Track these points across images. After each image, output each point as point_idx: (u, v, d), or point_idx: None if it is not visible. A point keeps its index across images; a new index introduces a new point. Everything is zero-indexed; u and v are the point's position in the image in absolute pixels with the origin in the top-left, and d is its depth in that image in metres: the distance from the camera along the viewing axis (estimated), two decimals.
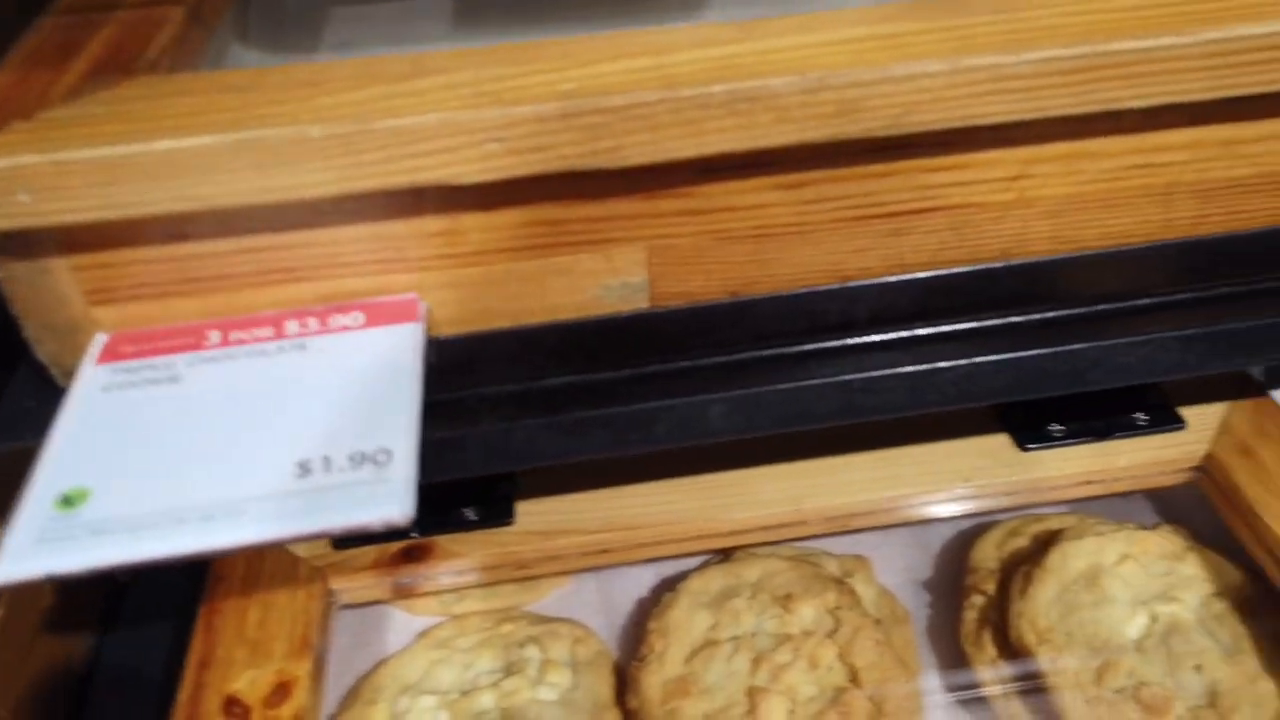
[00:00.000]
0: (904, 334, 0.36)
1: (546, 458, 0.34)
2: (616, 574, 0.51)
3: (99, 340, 0.30)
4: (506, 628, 0.48)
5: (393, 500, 0.24)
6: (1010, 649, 0.44)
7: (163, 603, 0.53)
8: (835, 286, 0.34)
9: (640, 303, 0.34)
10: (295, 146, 0.26)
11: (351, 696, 0.45)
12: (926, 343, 0.36)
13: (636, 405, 0.34)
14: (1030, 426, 0.47)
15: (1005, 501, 0.46)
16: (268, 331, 0.30)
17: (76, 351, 0.30)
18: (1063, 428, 0.47)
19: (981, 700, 0.44)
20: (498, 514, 0.44)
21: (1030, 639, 0.42)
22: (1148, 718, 0.39)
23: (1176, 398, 0.48)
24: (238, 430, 0.27)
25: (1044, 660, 0.42)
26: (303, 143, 0.25)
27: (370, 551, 0.43)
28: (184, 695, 0.38)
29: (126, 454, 0.26)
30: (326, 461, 0.26)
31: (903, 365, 0.35)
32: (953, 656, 0.46)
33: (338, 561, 0.43)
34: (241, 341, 0.30)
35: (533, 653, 0.46)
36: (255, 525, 0.24)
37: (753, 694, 0.42)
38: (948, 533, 0.53)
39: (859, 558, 0.50)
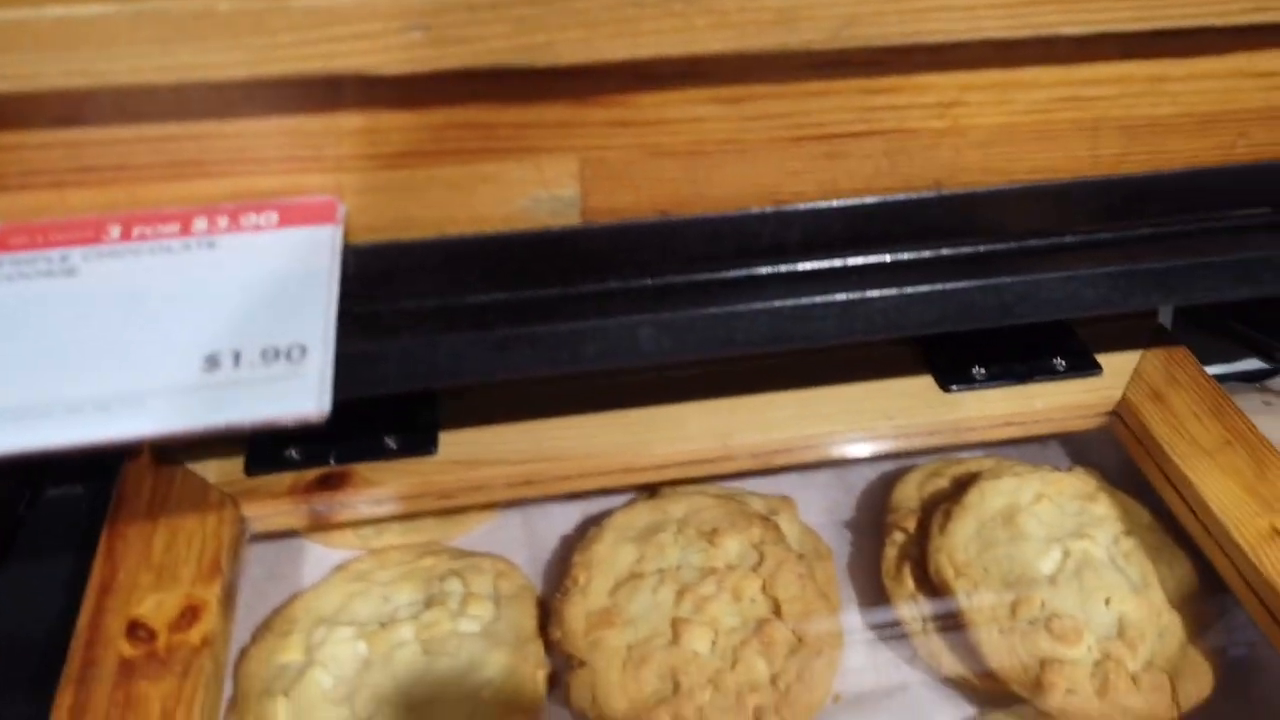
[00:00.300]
0: (835, 263, 0.36)
1: (470, 375, 0.34)
2: (541, 511, 0.51)
3: None
4: (427, 561, 0.47)
5: (307, 395, 0.23)
6: (929, 584, 0.44)
7: (59, 538, 0.51)
8: (769, 210, 0.34)
9: (571, 218, 0.33)
10: (201, 21, 0.24)
11: (264, 629, 0.44)
12: (857, 272, 0.36)
13: (565, 325, 0.34)
14: (953, 369, 0.48)
15: (928, 441, 0.46)
16: (174, 228, 0.28)
17: None
18: (984, 370, 0.47)
19: (901, 634, 0.44)
20: (420, 443, 0.43)
21: (948, 573, 0.43)
22: (1059, 647, 0.40)
23: (1094, 345, 0.49)
24: (139, 325, 0.25)
25: (961, 593, 0.42)
26: (209, 17, 0.24)
27: (285, 478, 0.42)
28: (84, 620, 0.36)
29: (14, 344, 0.24)
30: (236, 356, 0.24)
31: (833, 293, 0.35)
32: (873, 593, 0.47)
33: (250, 488, 0.41)
34: (145, 237, 0.28)
35: (454, 586, 0.45)
36: (156, 417, 0.23)
37: (676, 624, 0.42)
38: (870, 475, 0.53)
39: (783, 498, 0.50)
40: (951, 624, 0.43)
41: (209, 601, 0.36)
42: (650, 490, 0.50)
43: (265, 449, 0.42)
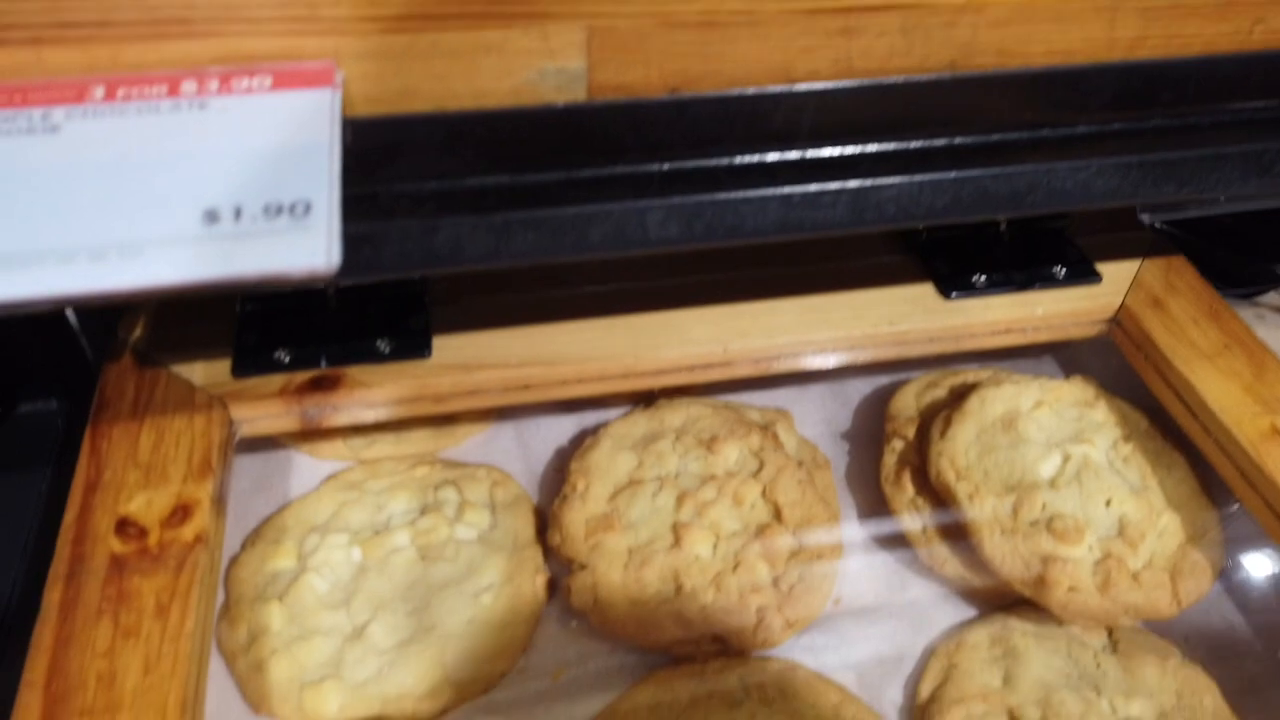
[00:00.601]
0: (847, 150, 0.35)
1: (471, 261, 0.32)
2: (534, 423, 0.50)
3: None
4: (420, 471, 0.46)
5: (316, 248, 0.22)
6: (929, 489, 0.44)
7: (33, 452, 0.50)
8: (781, 90, 0.33)
9: (577, 94, 0.31)
10: None
11: (254, 537, 0.43)
12: (869, 159, 0.35)
13: (570, 209, 0.33)
14: (954, 277, 0.47)
15: (928, 348, 0.46)
16: (161, 90, 0.27)
17: None
18: (985, 278, 0.47)
19: (901, 539, 0.44)
20: (413, 346, 0.42)
21: (949, 476, 0.43)
22: (1061, 546, 0.40)
23: (1093, 255, 0.49)
24: (129, 181, 0.24)
25: (962, 496, 0.42)
26: None
27: (274, 381, 0.40)
28: (70, 518, 0.35)
29: (1, 195, 0.23)
30: (237, 211, 0.23)
31: (844, 180, 0.34)
32: (872, 501, 0.47)
33: (238, 390, 0.40)
34: (130, 98, 0.26)
35: (449, 495, 0.45)
36: (156, 267, 0.21)
37: (677, 528, 0.42)
38: (866, 389, 0.53)
39: (780, 411, 0.50)
40: (952, 527, 0.43)
41: (201, 500, 0.35)
42: (647, 402, 0.49)
43: (252, 351, 0.41)
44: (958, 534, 0.43)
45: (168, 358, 0.41)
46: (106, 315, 0.48)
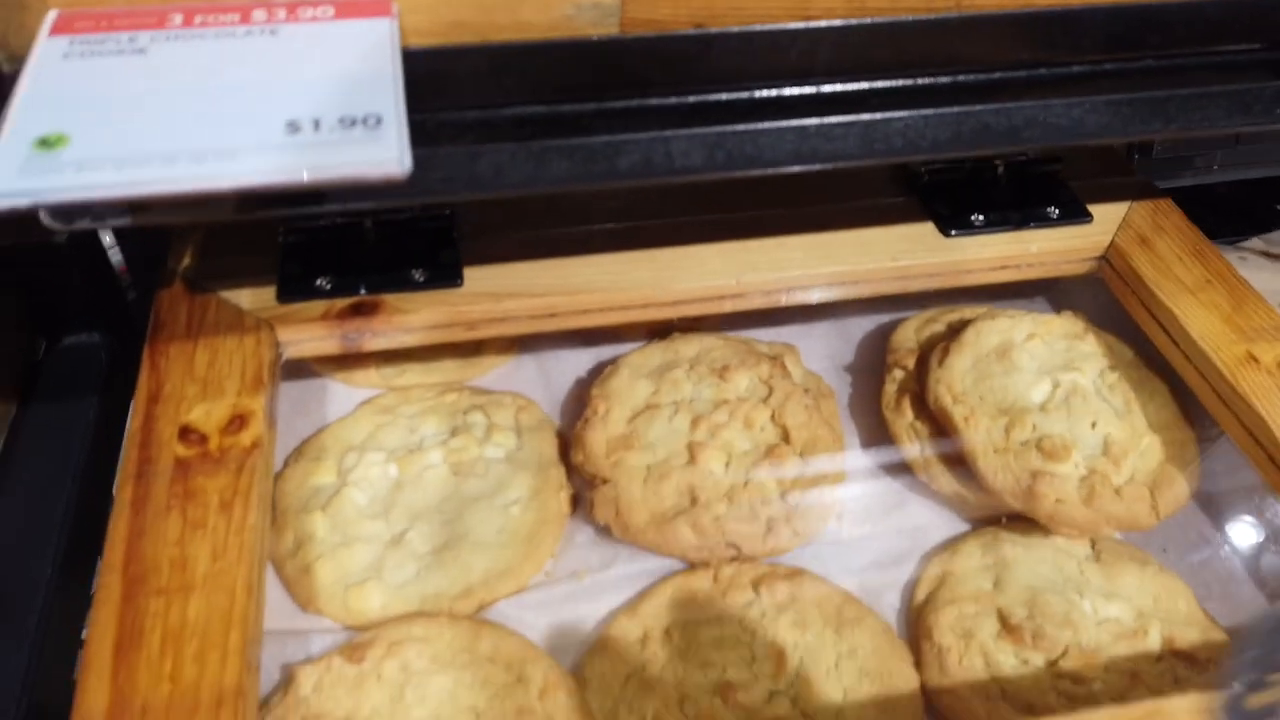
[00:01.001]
0: (859, 85, 0.37)
1: (510, 186, 0.35)
2: (554, 356, 0.53)
3: (51, 16, 0.28)
4: (450, 397, 0.49)
5: (389, 153, 0.25)
6: (927, 414, 0.47)
7: (78, 384, 0.52)
8: (798, 26, 0.35)
9: (610, 28, 0.34)
10: None
11: (296, 456, 0.46)
12: (878, 95, 0.37)
13: (603, 137, 0.35)
14: (953, 216, 0.50)
15: (928, 283, 0.48)
16: (234, 18, 0.29)
17: (24, 33, 0.29)
18: (982, 218, 0.50)
19: (900, 461, 0.47)
20: (445, 276, 0.44)
21: (946, 400, 0.46)
22: (1049, 463, 0.43)
23: (1085, 197, 0.52)
24: (216, 96, 0.26)
25: (958, 418, 0.45)
26: None
27: (317, 306, 0.43)
28: (134, 426, 0.37)
29: (101, 107, 0.25)
30: (316, 123, 0.25)
31: (856, 113, 0.37)
32: (872, 429, 0.50)
33: (283, 314, 0.43)
34: (207, 24, 0.29)
35: (478, 418, 0.47)
36: (250, 168, 0.24)
37: (692, 448, 0.45)
38: (868, 326, 0.56)
39: (787, 345, 0.52)
40: (948, 449, 0.46)
41: (255, 411, 0.38)
42: (662, 336, 0.52)
43: (296, 279, 0.44)
44: (953, 455, 0.46)
45: (216, 285, 0.44)
46: (147, 249, 0.50)
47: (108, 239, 0.50)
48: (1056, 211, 0.50)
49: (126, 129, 0.25)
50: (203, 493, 0.35)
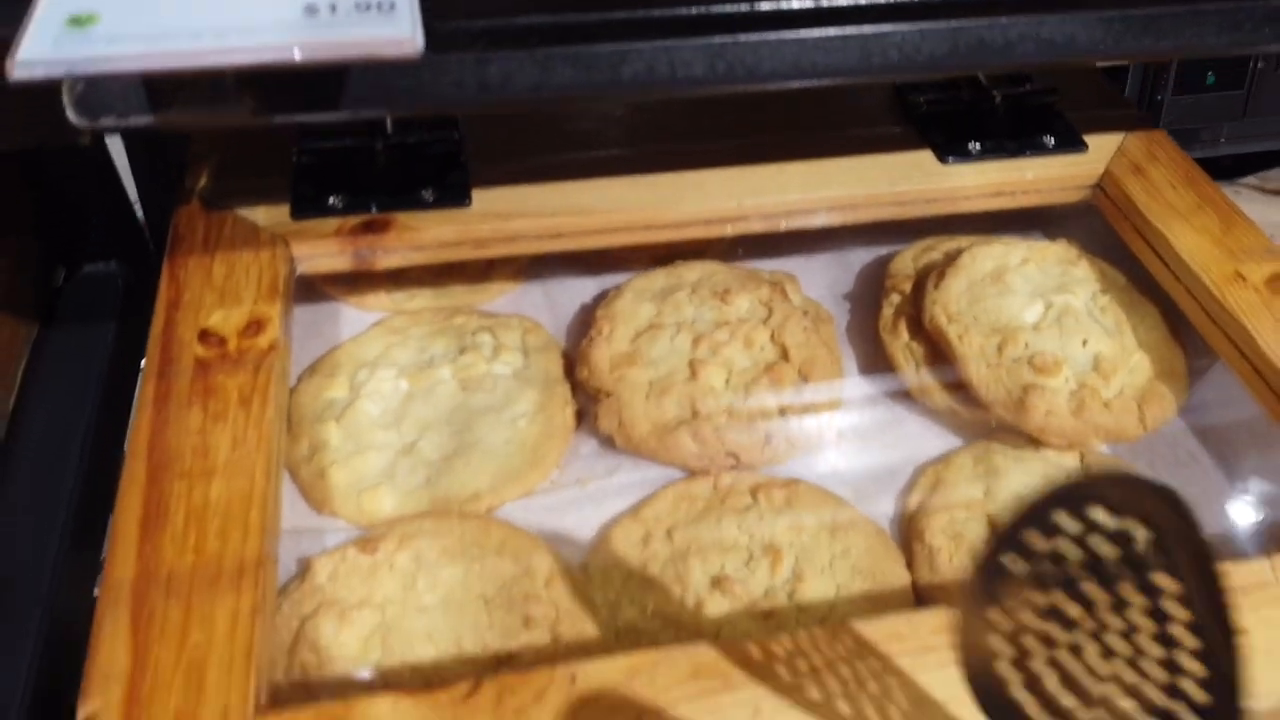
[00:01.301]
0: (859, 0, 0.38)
1: (517, 93, 0.36)
2: (560, 283, 0.54)
3: None
4: (458, 320, 0.50)
5: (403, 32, 0.26)
6: (922, 335, 0.48)
7: (97, 309, 0.54)
8: None
9: None
10: None
11: (309, 372, 0.47)
12: (877, 9, 0.38)
13: (608, 46, 0.36)
14: (951, 144, 0.51)
15: (926, 209, 0.50)
16: None
17: None
18: (979, 146, 0.51)
19: (896, 383, 0.49)
20: (454, 196, 0.46)
21: (941, 320, 0.47)
22: (1040, 377, 0.45)
23: (1080, 127, 0.53)
24: None
25: (953, 337, 0.46)
26: None
27: (329, 223, 0.44)
28: (156, 329, 0.39)
29: None
30: (333, 7, 0.27)
31: (855, 26, 0.38)
32: (869, 354, 0.51)
33: (298, 230, 0.44)
34: None
35: (485, 339, 0.49)
36: (269, 43, 0.25)
37: (693, 364, 0.46)
38: (866, 258, 0.57)
39: (787, 274, 0.54)
40: (942, 366, 0.47)
41: (272, 317, 0.40)
42: (664, 265, 0.53)
43: (309, 197, 0.45)
44: (948, 372, 0.47)
45: (232, 203, 0.45)
46: (161, 178, 0.52)
47: (121, 161, 0.52)
48: (1052, 141, 0.51)
49: (153, 8, 0.26)
50: (222, 389, 0.37)
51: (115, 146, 0.52)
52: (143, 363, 0.39)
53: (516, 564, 0.39)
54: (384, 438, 0.44)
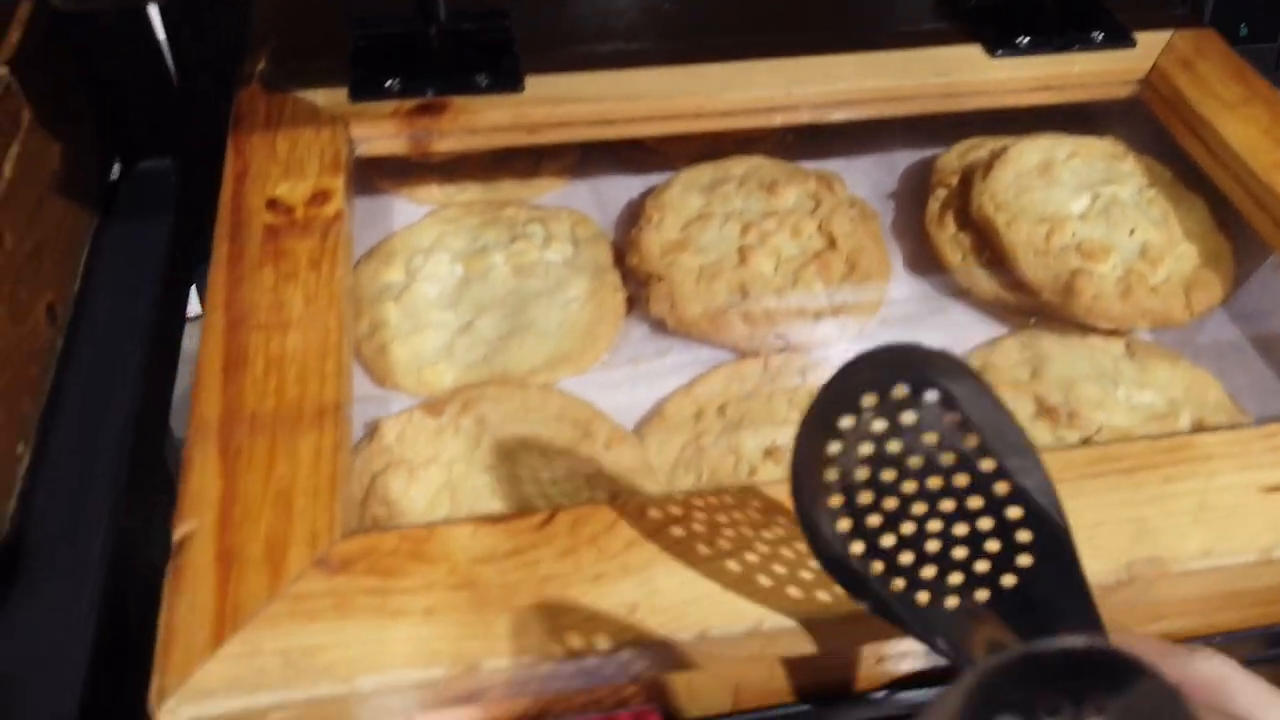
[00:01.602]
0: None
1: None
2: (607, 180, 0.55)
3: None
4: (509, 211, 0.51)
5: None
6: (969, 227, 0.49)
7: (153, 204, 0.55)
8: None
9: None
10: None
11: (365, 258, 0.48)
12: None
13: None
14: (999, 38, 0.51)
15: (973, 102, 0.50)
16: None
17: None
18: (1028, 40, 0.51)
19: (941, 272, 0.49)
20: (508, 82, 0.46)
21: (989, 209, 0.47)
22: (1088, 263, 0.45)
23: (1129, 24, 0.52)
24: None
25: (1000, 225, 0.47)
26: None
27: (387, 106, 0.45)
28: (226, 197, 0.40)
29: None
30: None
31: None
32: (916, 250, 0.52)
33: (356, 112, 0.45)
34: None
35: (536, 229, 0.50)
36: None
37: (743, 251, 0.47)
38: (910, 159, 0.57)
39: (833, 173, 0.54)
40: (989, 256, 0.48)
41: (336, 189, 0.40)
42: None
43: (367, 80, 0.46)
44: (994, 262, 0.47)
45: (292, 86, 0.46)
46: (215, 73, 0.52)
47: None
48: (1100, 36, 0.51)
49: None
50: (292, 253, 0.38)
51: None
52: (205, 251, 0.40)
53: (576, 428, 0.40)
54: (441, 318, 0.45)
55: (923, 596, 0.25)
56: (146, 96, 0.55)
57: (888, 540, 0.25)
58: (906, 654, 0.33)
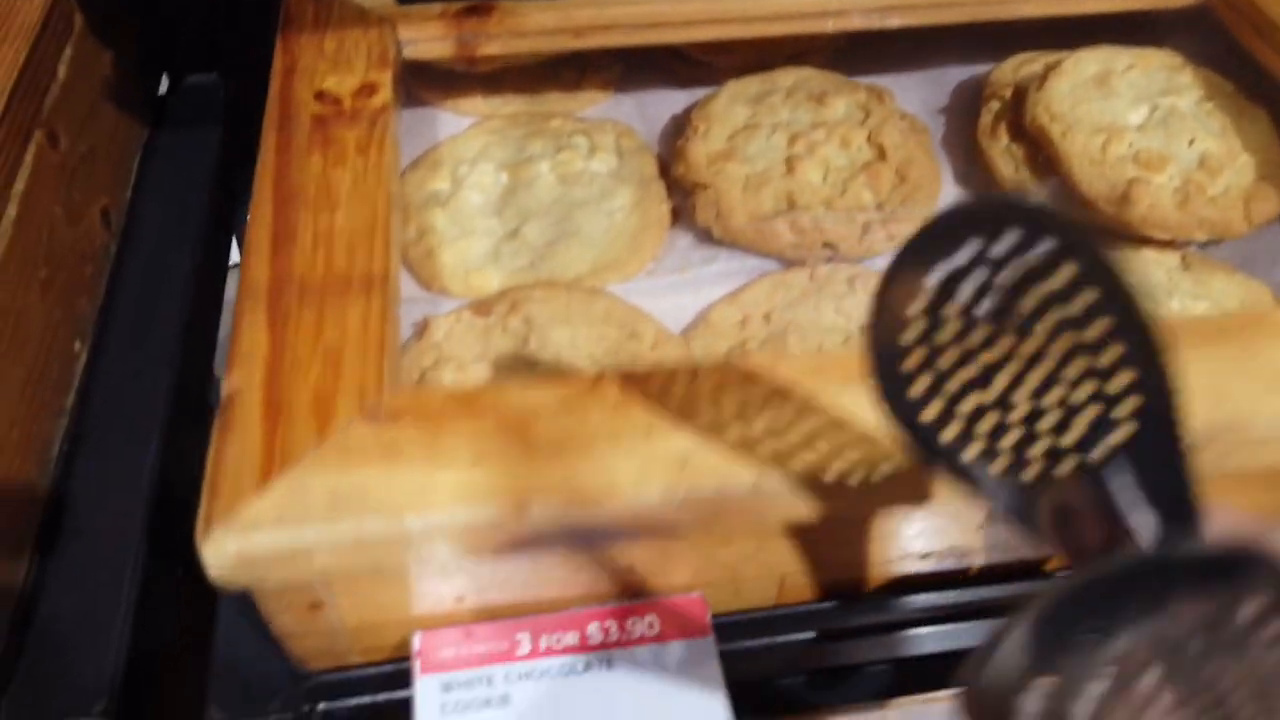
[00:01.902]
0: None
1: None
2: (651, 95, 0.54)
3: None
4: (554, 122, 0.51)
5: None
6: (1022, 138, 0.48)
7: (202, 116, 0.56)
8: None
9: None
10: None
11: (411, 167, 0.48)
12: None
13: None
14: None
15: (1033, 8, 0.48)
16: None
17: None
18: None
19: (993, 183, 0.48)
20: None
21: (1044, 119, 0.46)
22: (1145, 172, 0.44)
23: None
24: None
25: (1055, 135, 0.46)
26: None
27: (434, 7, 0.45)
28: (274, 91, 0.40)
29: None
30: None
31: None
32: (966, 164, 0.51)
33: (403, 13, 0.45)
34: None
35: (581, 140, 0.49)
36: None
37: (790, 161, 0.46)
38: (961, 75, 0.56)
39: (883, 87, 0.53)
40: (1043, 167, 0.47)
41: (384, 83, 0.40)
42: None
43: None
44: (1048, 173, 0.46)
45: None
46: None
47: None
48: None
49: None
50: (340, 140, 0.38)
51: None
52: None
53: (622, 330, 0.40)
54: (487, 224, 0.45)
55: (999, 465, 0.23)
56: (194, 11, 0.56)
57: (967, 405, 0.23)
58: (951, 551, 0.33)
